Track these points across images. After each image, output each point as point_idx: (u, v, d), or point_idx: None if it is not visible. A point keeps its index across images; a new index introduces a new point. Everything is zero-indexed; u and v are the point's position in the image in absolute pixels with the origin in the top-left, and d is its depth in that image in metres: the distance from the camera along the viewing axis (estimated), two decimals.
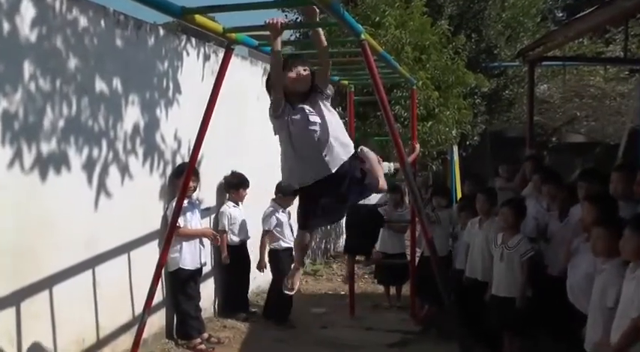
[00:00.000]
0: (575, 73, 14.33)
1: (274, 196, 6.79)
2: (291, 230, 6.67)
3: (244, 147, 7.18)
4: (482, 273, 5.57)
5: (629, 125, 11.55)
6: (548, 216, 5.57)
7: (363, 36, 4.19)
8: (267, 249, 6.68)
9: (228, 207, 6.68)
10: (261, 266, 6.69)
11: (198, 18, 3.83)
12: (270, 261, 6.78)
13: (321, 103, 3.76)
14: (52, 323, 4.44)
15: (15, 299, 4.17)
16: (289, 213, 6.74)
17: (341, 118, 8.75)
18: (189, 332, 5.81)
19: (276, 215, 6.67)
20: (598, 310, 3.75)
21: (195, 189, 5.89)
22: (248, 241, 6.85)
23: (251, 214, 6.84)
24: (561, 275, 4.75)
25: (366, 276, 8.58)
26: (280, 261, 6.63)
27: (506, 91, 12.34)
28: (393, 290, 7.50)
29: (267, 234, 6.63)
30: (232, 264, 6.63)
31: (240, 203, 6.77)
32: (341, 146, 3.80)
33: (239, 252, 6.73)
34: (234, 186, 6.72)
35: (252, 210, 6.88)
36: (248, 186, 6.78)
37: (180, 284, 5.78)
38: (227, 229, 6.61)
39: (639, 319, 3.21)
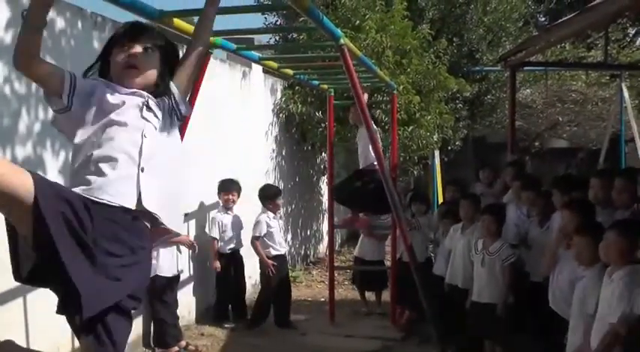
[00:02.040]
0: (558, 78, 14.49)
1: (259, 203, 6.85)
2: (283, 236, 6.81)
3: (222, 151, 7.21)
4: (462, 280, 5.63)
5: (610, 130, 11.74)
6: (528, 222, 5.67)
7: (342, 40, 4.25)
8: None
9: (220, 214, 6.76)
10: (270, 269, 6.66)
11: (176, 21, 3.86)
12: (260, 267, 6.85)
13: (167, 109, 2.48)
14: (26, 332, 4.44)
15: None
16: (280, 219, 6.87)
17: (321, 122, 8.92)
18: (167, 340, 5.81)
19: (267, 221, 6.70)
20: (579, 316, 3.85)
21: None
22: (241, 249, 6.93)
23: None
24: (543, 281, 4.87)
25: (346, 283, 8.63)
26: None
27: (488, 96, 12.42)
28: (372, 296, 7.56)
29: (257, 239, 6.65)
30: (223, 272, 6.73)
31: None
32: (171, 193, 2.45)
33: (230, 260, 6.79)
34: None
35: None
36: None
37: (157, 292, 5.79)
38: (217, 237, 6.70)
39: (617, 324, 3.29)
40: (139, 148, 2.31)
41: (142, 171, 2.29)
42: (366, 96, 6.44)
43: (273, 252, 6.70)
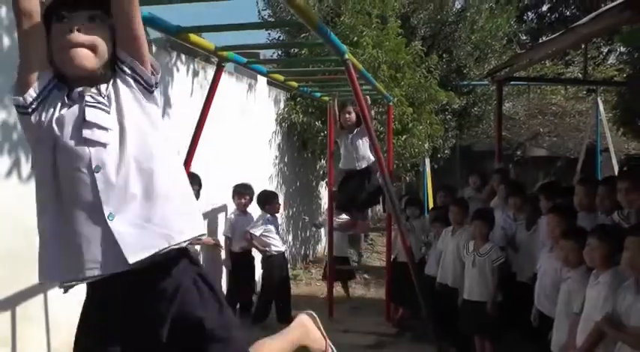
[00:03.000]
0: (539, 92, 14.59)
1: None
2: (282, 236, 6.86)
3: (230, 157, 7.16)
4: (452, 279, 5.60)
5: (587, 140, 11.79)
6: (515, 225, 5.65)
7: (346, 55, 4.22)
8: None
9: (233, 216, 6.75)
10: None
11: (192, 36, 3.83)
12: (262, 266, 6.83)
13: (128, 92, 1.73)
14: (46, 326, 4.38)
15: (11, 302, 4.10)
16: (277, 220, 6.86)
17: (321, 131, 8.93)
18: None
19: (265, 222, 6.69)
20: (564, 315, 3.84)
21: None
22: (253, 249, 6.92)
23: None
24: (529, 281, 4.85)
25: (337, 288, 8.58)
26: (272, 266, 6.69)
27: (475, 108, 12.44)
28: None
29: (252, 237, 6.63)
30: (234, 270, 6.72)
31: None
32: (164, 201, 1.67)
33: (241, 259, 6.76)
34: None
35: None
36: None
37: None
38: (230, 235, 6.69)
39: (601, 322, 3.27)
40: (93, 181, 1.61)
41: (111, 218, 1.60)
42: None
43: (274, 249, 6.68)
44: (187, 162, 4.69)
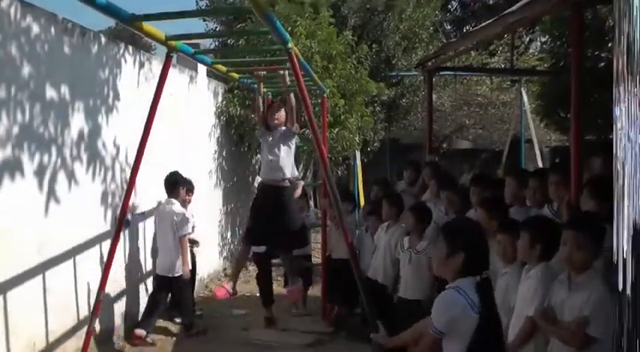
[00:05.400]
0: (465, 83, 14.97)
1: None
2: None
3: (169, 154, 7.19)
4: (383, 276, 5.73)
5: (511, 132, 12.27)
6: (446, 219, 5.89)
7: (290, 44, 4.38)
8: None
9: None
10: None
11: (145, 25, 3.90)
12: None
13: None
14: (4, 329, 4.40)
15: None
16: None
17: (257, 125, 9.03)
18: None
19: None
20: (501, 310, 3.96)
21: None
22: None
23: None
24: None
25: (279, 278, 8.70)
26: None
27: (403, 100, 12.68)
28: None
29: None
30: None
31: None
32: None
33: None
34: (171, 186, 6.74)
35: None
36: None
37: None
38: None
39: (537, 315, 3.36)
40: None
41: None
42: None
43: None
44: (139, 155, 4.75)
